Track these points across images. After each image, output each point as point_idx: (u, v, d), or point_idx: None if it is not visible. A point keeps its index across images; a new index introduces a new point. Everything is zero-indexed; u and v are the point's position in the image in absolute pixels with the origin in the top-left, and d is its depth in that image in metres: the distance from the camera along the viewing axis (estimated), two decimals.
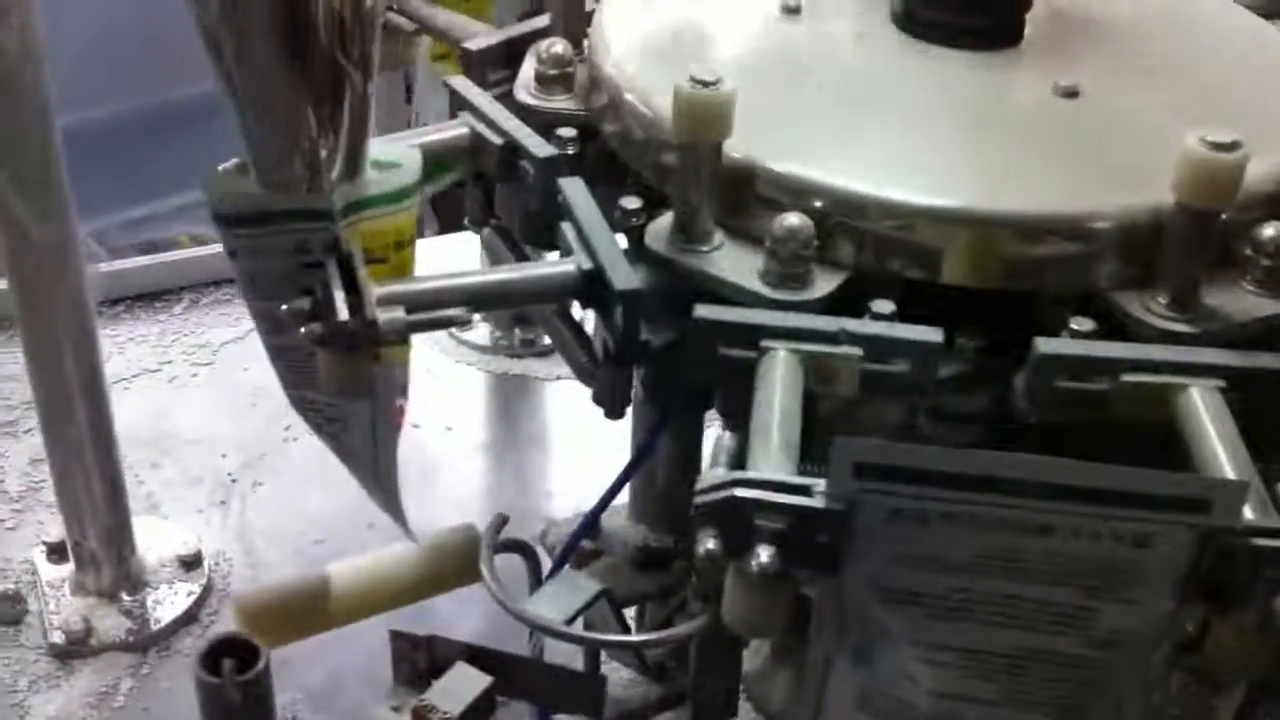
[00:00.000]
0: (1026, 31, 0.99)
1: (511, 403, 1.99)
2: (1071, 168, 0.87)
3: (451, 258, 1.94)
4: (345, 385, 0.82)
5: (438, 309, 0.81)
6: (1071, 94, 0.93)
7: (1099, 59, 0.99)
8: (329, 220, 0.82)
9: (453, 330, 1.98)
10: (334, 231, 0.81)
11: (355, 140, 0.85)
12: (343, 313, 0.77)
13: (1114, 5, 1.06)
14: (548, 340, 2.02)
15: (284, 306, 0.79)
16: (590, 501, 1.64)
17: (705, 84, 0.82)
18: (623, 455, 1.16)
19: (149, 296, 2.16)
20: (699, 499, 0.68)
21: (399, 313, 0.79)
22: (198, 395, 1.96)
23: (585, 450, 1.84)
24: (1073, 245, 0.83)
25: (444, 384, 1.96)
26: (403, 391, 1.01)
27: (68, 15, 1.97)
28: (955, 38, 0.97)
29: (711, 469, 0.74)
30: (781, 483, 0.67)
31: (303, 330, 0.78)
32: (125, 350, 2.04)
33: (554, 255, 0.92)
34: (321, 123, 0.83)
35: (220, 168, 0.89)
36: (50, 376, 1.44)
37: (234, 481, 1.79)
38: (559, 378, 2.00)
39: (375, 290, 0.79)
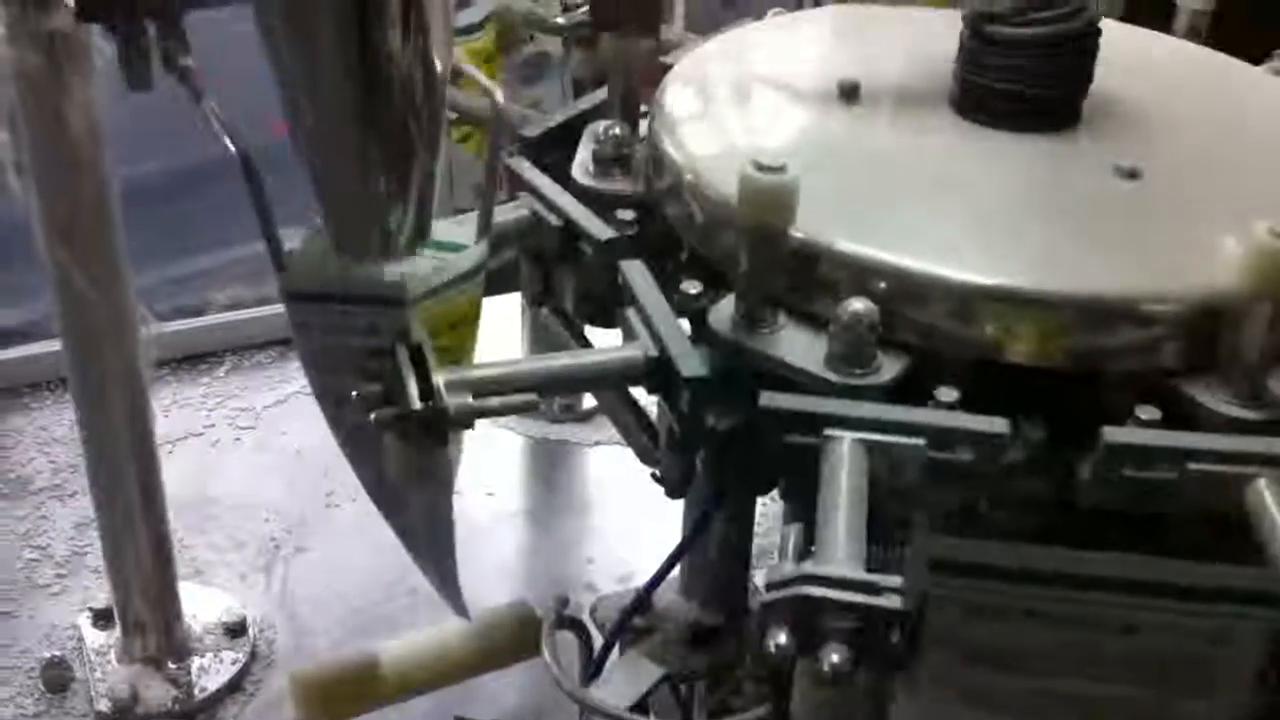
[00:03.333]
0: (1084, 114, 1.00)
1: (552, 468, 2.00)
2: (1135, 250, 0.88)
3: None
4: (412, 470, 0.82)
5: (504, 395, 0.82)
6: (1132, 175, 0.94)
7: (1157, 141, 0.99)
8: (401, 305, 0.83)
9: None
10: (406, 317, 0.82)
11: (423, 207, 0.88)
12: (414, 401, 0.78)
13: (1168, 87, 1.07)
14: (587, 405, 2.03)
15: (355, 393, 0.80)
16: (631, 569, 1.65)
17: (770, 170, 0.82)
18: (662, 522, 1.16)
19: (193, 359, 2.18)
20: (767, 595, 0.68)
21: (467, 399, 0.80)
22: (241, 459, 1.97)
23: (625, 516, 1.84)
24: (1137, 329, 0.83)
25: (484, 449, 1.97)
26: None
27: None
28: (1014, 121, 0.98)
29: (779, 563, 0.74)
30: (851, 580, 0.67)
31: (373, 416, 0.79)
32: (170, 413, 2.05)
33: (611, 334, 0.93)
34: (392, 187, 0.86)
35: (297, 245, 0.91)
36: (102, 442, 1.45)
37: (277, 547, 1.80)
38: (598, 443, 2.01)
39: (443, 376, 0.80)
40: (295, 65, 0.82)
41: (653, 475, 0.91)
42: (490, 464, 1.95)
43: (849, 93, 1.02)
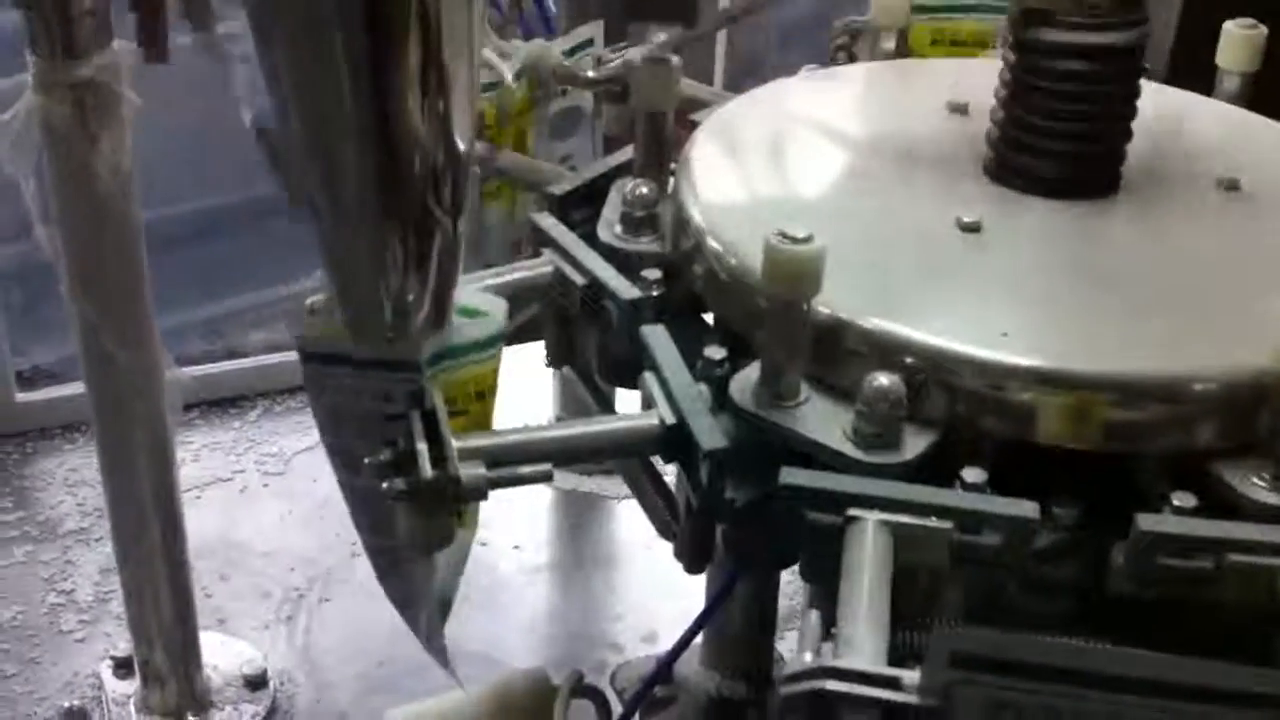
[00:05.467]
0: (1123, 180, 0.97)
1: (580, 521, 1.98)
2: (1171, 326, 0.85)
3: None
4: (422, 539, 0.80)
5: (519, 464, 0.80)
6: (1168, 248, 0.91)
7: (1195, 212, 0.97)
8: (415, 371, 0.81)
9: None
10: (420, 383, 0.81)
11: (443, 287, 0.85)
12: (426, 470, 0.76)
13: (1211, 153, 1.04)
14: None
15: (366, 460, 0.78)
16: (657, 627, 1.62)
17: (795, 240, 0.80)
18: (690, 580, 1.13)
19: (224, 403, 2.18)
20: (786, 689, 0.65)
21: (480, 469, 0.78)
22: (268, 506, 1.96)
23: (653, 573, 1.82)
24: (1173, 409, 0.80)
25: (512, 501, 1.95)
26: None
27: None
28: (1049, 188, 0.95)
29: (799, 654, 0.71)
30: (871, 675, 0.64)
31: (385, 485, 0.77)
32: (200, 458, 2.05)
33: (635, 394, 0.91)
34: (409, 270, 0.82)
35: (309, 302, 0.89)
36: (125, 492, 1.44)
37: (301, 597, 1.79)
38: (627, 496, 1.98)
39: (457, 444, 0.78)
40: (307, 138, 0.78)
41: (674, 552, 0.88)
42: (518, 516, 1.93)
43: (879, 154, 1.00)
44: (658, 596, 1.76)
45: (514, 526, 1.91)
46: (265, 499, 1.98)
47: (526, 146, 1.33)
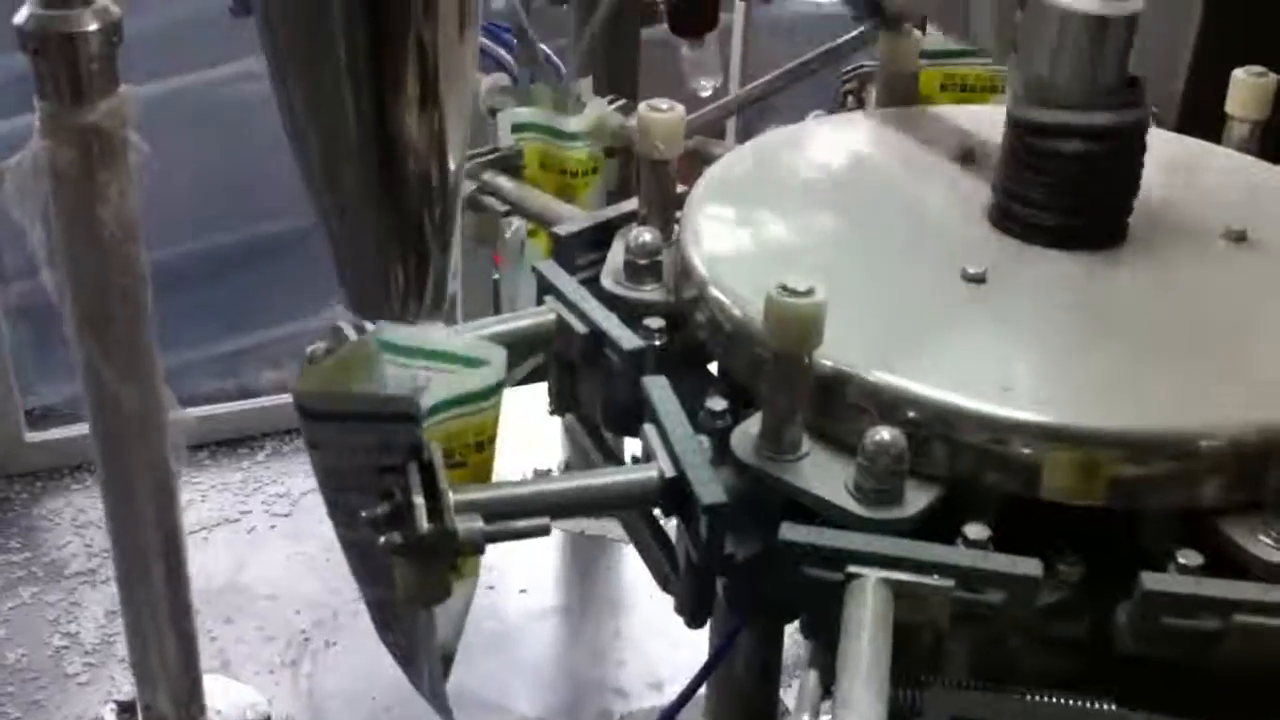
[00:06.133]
0: (1130, 228, 0.97)
1: (588, 564, 1.96)
2: (1177, 381, 0.84)
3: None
4: (419, 593, 0.80)
5: (517, 518, 0.79)
6: (1175, 300, 0.90)
7: (1202, 263, 0.96)
8: (413, 423, 0.81)
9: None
10: (417, 435, 0.80)
11: (441, 266, 0.87)
12: (422, 523, 0.75)
13: (1219, 201, 1.03)
14: None
15: (363, 513, 0.77)
16: (663, 675, 1.60)
17: (797, 293, 0.79)
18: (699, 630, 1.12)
19: (233, 442, 2.18)
20: None
21: (477, 523, 0.77)
22: (275, 547, 1.96)
23: (660, 618, 1.80)
24: (1179, 466, 0.79)
25: (520, 543, 1.94)
26: None
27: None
28: (1055, 237, 0.95)
29: (797, 715, 0.70)
30: None
31: (381, 540, 0.76)
32: (207, 498, 2.05)
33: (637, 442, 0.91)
34: (409, 260, 0.85)
35: (310, 350, 0.89)
36: (128, 535, 1.44)
37: (306, 640, 1.78)
38: None
39: (454, 497, 0.78)
40: (314, 139, 0.82)
41: (675, 607, 0.87)
42: (525, 559, 1.92)
43: (883, 203, 1.00)
44: (665, 642, 1.75)
45: (521, 570, 1.90)
46: (272, 540, 1.98)
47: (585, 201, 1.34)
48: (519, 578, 1.89)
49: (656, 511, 0.91)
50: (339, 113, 0.81)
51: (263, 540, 1.97)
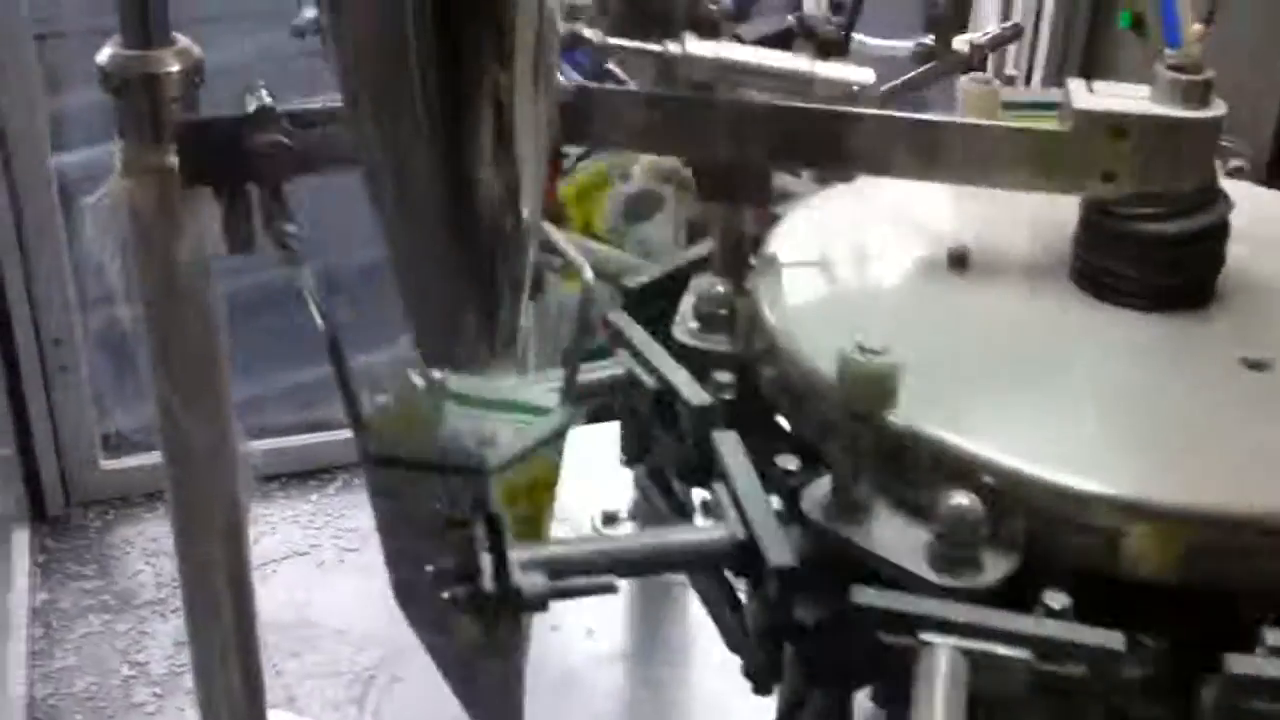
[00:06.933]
0: (1218, 290, 0.94)
1: (654, 608, 1.94)
2: (1263, 454, 0.81)
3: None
4: (483, 647, 0.79)
5: (582, 575, 0.78)
6: (1260, 367, 0.87)
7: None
8: (481, 475, 0.80)
9: (597, 525, 1.94)
10: (484, 489, 0.79)
11: (512, 312, 0.85)
12: (488, 580, 0.74)
13: None
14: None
15: (428, 568, 0.77)
16: None
17: (872, 353, 0.78)
18: None
19: (304, 475, 2.18)
20: None
21: (542, 579, 0.76)
22: (343, 582, 1.95)
23: (728, 664, 1.77)
24: (1266, 543, 0.76)
25: None
26: None
27: None
28: (1139, 298, 0.92)
29: None
30: None
31: (445, 595, 0.75)
32: (277, 530, 2.05)
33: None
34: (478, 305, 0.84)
35: (378, 400, 0.89)
36: (197, 570, 1.43)
37: (372, 677, 1.77)
38: None
39: (520, 554, 0.77)
40: (391, 192, 0.81)
41: (743, 670, 0.85)
42: (591, 601, 1.90)
43: (959, 261, 0.98)
44: (731, 691, 1.72)
45: (587, 611, 1.88)
46: (341, 574, 1.97)
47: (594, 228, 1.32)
48: (585, 618, 1.87)
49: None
50: (412, 161, 0.80)
51: (332, 573, 1.97)
